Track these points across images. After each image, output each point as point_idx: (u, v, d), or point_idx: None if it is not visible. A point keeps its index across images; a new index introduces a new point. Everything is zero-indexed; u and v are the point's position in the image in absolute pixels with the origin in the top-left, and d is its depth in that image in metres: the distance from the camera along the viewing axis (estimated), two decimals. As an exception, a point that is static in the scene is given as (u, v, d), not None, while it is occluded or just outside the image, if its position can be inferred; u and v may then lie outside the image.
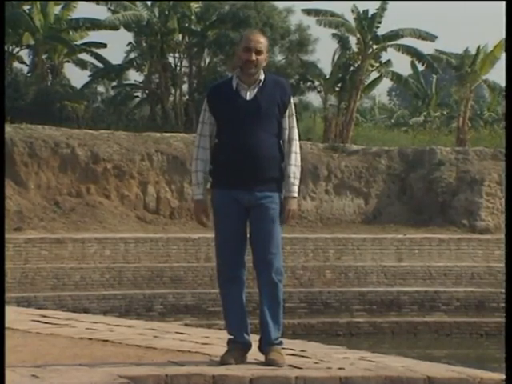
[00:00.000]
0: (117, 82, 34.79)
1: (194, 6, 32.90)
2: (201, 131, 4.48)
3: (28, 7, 31.97)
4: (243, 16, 31.27)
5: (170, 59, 33.18)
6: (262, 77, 4.43)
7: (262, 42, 4.41)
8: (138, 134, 26.34)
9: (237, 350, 4.52)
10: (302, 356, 4.79)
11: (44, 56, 33.00)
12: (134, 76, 36.05)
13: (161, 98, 32.96)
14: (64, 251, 21.80)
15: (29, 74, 33.19)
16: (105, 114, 33.47)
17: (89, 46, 33.57)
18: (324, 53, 48.33)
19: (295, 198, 4.44)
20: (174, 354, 4.75)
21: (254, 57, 4.36)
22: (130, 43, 33.96)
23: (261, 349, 4.56)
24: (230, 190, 4.40)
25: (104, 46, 33.61)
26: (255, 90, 4.40)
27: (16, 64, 33.86)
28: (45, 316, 6.01)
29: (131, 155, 25.26)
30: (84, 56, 34.10)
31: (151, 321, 6.70)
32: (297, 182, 4.44)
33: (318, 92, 33.56)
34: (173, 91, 33.47)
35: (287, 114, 4.44)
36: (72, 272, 21.35)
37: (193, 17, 32.57)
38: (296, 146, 4.45)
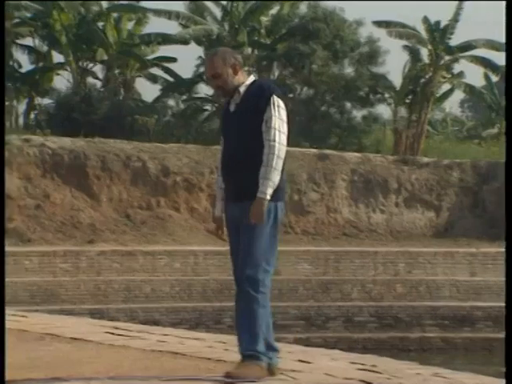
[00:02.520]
0: (187, 95, 35.14)
1: (264, 19, 33.07)
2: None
3: (102, 23, 32.60)
4: (313, 29, 31.27)
5: (240, 73, 33.33)
6: (243, 86, 4.37)
7: (214, 65, 4.37)
8: (208, 147, 26.51)
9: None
10: (373, 371, 4.70)
11: (117, 71, 33.57)
12: (203, 90, 36.36)
13: (230, 111, 33.11)
14: (135, 264, 22.04)
15: (102, 89, 33.79)
16: (175, 128, 33.81)
17: (160, 61, 34.02)
18: (394, 65, 47.92)
19: (261, 198, 4.23)
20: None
21: (214, 83, 4.41)
22: (199, 57, 34.28)
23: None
24: (227, 203, 4.43)
25: (174, 60, 34.01)
26: (237, 102, 4.39)
27: (90, 79, 34.55)
28: (117, 328, 6.06)
29: (200, 168, 25.44)
30: (155, 70, 34.57)
31: (220, 333, 6.68)
32: (266, 183, 4.24)
33: (388, 104, 33.29)
34: (242, 104, 33.59)
35: (265, 117, 4.30)
36: (143, 284, 21.56)
37: (262, 30, 32.73)
38: (270, 147, 4.26)
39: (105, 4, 32.83)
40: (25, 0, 30.63)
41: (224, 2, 32.85)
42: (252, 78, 4.41)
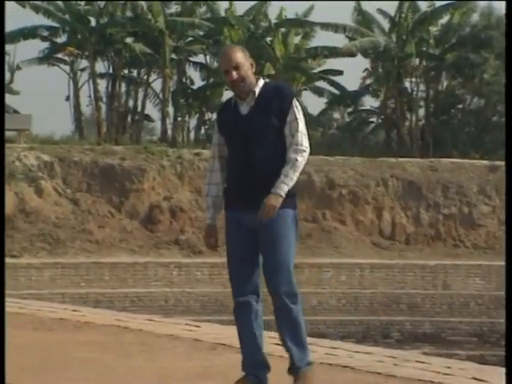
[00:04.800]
0: (352, 108, 35.10)
1: (433, 29, 32.55)
2: (212, 154, 4.35)
3: (270, 39, 33.23)
4: (485, 37, 30.46)
5: (407, 84, 33.02)
6: (257, 88, 4.18)
7: (235, 56, 4.16)
8: (373, 160, 26.33)
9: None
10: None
11: (283, 85, 34.00)
12: (369, 102, 36.35)
13: (396, 123, 32.79)
14: (301, 276, 22.16)
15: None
16: (340, 140, 33.84)
17: (326, 74, 34.19)
18: None
19: (278, 195, 4.07)
20: (414, 383, 4.63)
21: (234, 76, 4.15)
22: (366, 69, 34.17)
23: (289, 372, 4.30)
24: (235, 210, 4.18)
25: (340, 73, 34.08)
26: (251, 104, 4.16)
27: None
28: (285, 339, 6.08)
29: (366, 181, 25.29)
30: (321, 83, 34.78)
31: (388, 348, 6.57)
32: (287, 182, 4.09)
33: None
34: (408, 116, 33.20)
35: (288, 120, 4.13)
36: (309, 297, 21.65)
37: (431, 40, 32.22)
38: (297, 150, 4.13)
39: (273, 20, 33.43)
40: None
41: (392, 13, 32.63)
42: (262, 81, 4.24)
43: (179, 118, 33.89)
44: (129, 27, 32.05)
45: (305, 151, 4.15)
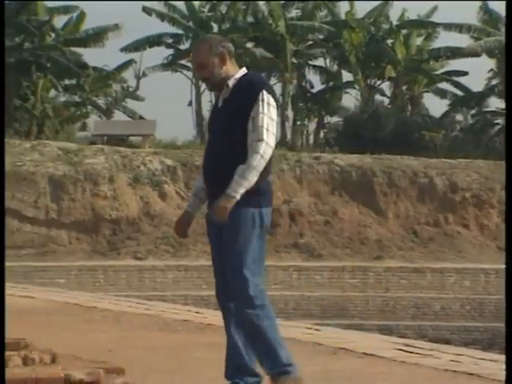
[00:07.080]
0: (476, 109, 34.31)
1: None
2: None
3: (391, 41, 32.94)
4: None
5: (533, 84, 31.96)
6: (232, 80, 3.94)
7: (197, 55, 3.97)
8: (498, 162, 25.62)
9: None
10: None
11: (404, 87, 33.63)
12: (495, 103, 35.41)
13: (523, 124, 31.83)
14: (423, 281, 21.82)
15: (389, 106, 33.99)
16: (463, 143, 33.13)
17: (449, 75, 33.57)
18: None
19: (231, 196, 3.76)
20: (545, 394, 4.45)
21: (200, 75, 4.00)
22: (491, 70, 33.34)
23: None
24: (208, 206, 3.97)
25: (465, 73, 33.39)
26: (226, 97, 3.95)
27: (377, 96, 34.92)
28: (408, 345, 6.01)
29: (491, 184, 24.65)
30: (443, 85, 34.18)
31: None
32: (241, 183, 3.76)
33: None
34: (536, 117, 32.17)
35: (252, 114, 3.84)
36: (431, 302, 21.28)
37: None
38: (256, 146, 3.80)
39: (395, 21, 33.13)
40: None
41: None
42: (243, 71, 3.98)
43: (298, 122, 34.01)
44: (250, 32, 32.45)
45: (261, 146, 3.82)
